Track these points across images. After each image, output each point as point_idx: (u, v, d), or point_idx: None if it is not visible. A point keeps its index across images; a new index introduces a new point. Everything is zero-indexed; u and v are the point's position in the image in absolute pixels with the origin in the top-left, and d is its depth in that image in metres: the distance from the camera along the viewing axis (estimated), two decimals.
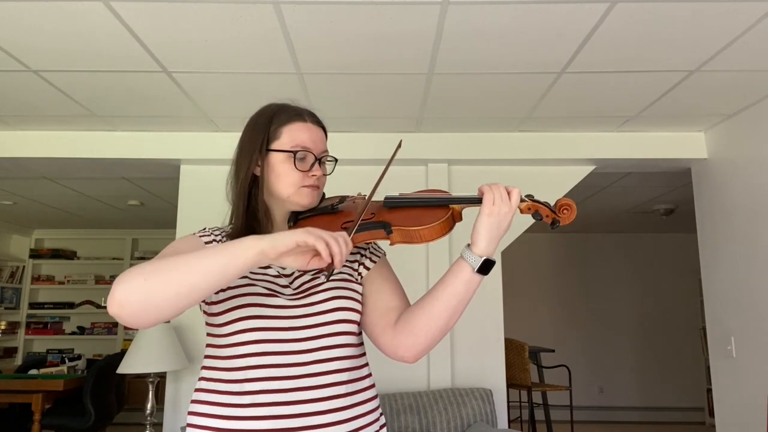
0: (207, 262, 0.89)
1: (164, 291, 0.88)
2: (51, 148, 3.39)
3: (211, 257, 0.90)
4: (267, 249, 0.89)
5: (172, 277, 0.89)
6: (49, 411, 4.44)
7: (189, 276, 0.89)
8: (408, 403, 3.11)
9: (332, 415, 1.04)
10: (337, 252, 0.89)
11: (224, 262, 0.89)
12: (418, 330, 1.09)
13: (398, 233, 1.07)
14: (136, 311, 0.89)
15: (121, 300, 0.88)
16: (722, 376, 3.25)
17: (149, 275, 0.89)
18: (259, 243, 0.90)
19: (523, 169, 3.60)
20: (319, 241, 0.89)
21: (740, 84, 2.72)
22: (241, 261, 0.89)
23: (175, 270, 0.89)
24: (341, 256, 0.90)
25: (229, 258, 0.89)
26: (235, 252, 0.90)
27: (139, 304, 0.88)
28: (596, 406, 6.80)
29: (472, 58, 2.46)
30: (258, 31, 2.22)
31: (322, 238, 0.89)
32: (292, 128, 1.15)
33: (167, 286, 0.88)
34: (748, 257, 3.01)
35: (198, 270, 0.89)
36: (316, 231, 0.90)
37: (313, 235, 0.89)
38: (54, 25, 2.16)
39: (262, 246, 0.89)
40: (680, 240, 6.97)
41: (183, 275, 0.89)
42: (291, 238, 0.89)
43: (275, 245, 0.89)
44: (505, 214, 1.05)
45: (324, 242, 0.89)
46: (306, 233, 0.89)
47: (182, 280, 0.89)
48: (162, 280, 0.88)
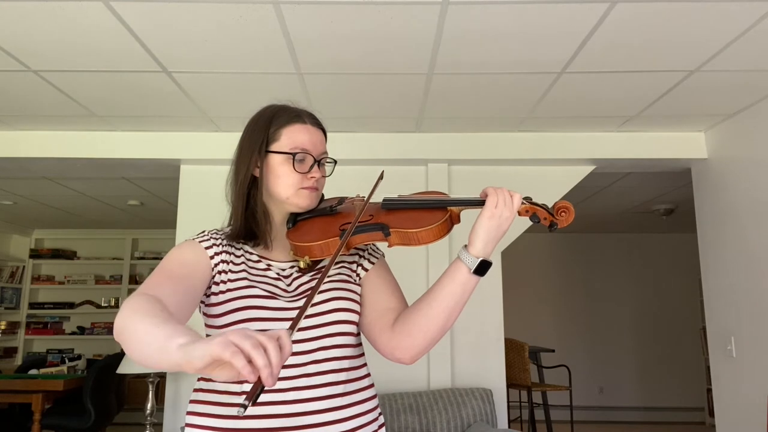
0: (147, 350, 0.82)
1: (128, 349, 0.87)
2: (51, 148, 3.39)
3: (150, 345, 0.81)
4: (182, 364, 0.74)
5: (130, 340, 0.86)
6: (49, 411, 4.44)
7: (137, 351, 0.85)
8: (408, 403, 3.11)
9: (329, 414, 1.04)
10: (262, 365, 0.68)
11: (156, 359, 0.81)
12: (416, 331, 1.09)
13: (396, 235, 1.08)
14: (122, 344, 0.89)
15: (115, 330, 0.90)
16: (722, 376, 3.25)
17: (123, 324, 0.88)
18: (177, 354, 0.75)
19: (523, 169, 3.60)
20: (236, 357, 0.68)
21: (740, 84, 2.72)
22: (165, 367, 0.80)
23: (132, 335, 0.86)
24: (270, 369, 0.69)
25: (158, 358, 0.80)
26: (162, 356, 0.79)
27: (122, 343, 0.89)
28: (596, 406, 6.80)
29: (472, 58, 2.46)
30: (258, 31, 2.22)
31: (240, 352, 0.69)
32: (292, 130, 1.15)
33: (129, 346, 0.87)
34: (748, 257, 3.01)
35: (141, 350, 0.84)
36: (238, 340, 0.70)
37: (230, 349, 0.69)
38: (54, 25, 2.16)
39: (177, 359, 0.75)
40: (680, 240, 6.97)
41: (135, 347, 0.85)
42: (207, 353, 0.70)
43: (190, 361, 0.72)
44: (506, 218, 1.06)
45: (243, 356, 0.69)
46: (223, 345, 0.69)
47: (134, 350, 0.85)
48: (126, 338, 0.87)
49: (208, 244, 1.13)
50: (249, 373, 0.68)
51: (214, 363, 0.71)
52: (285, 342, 0.73)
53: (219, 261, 1.11)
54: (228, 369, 0.72)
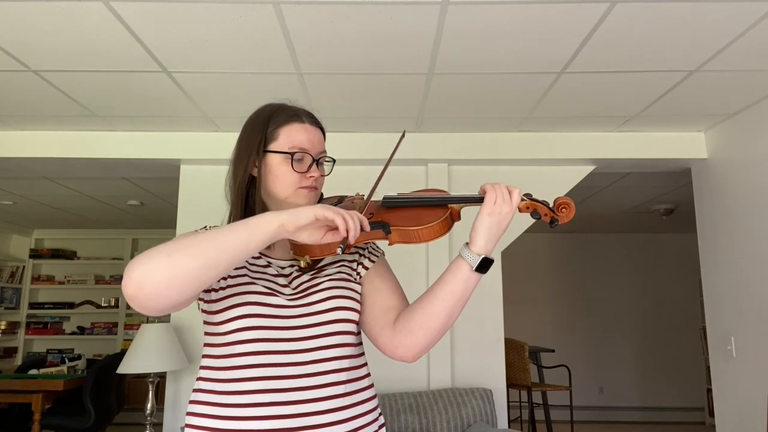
0: (229, 237, 0.93)
1: (188, 265, 0.90)
2: (51, 148, 3.39)
3: (232, 232, 0.93)
4: (287, 222, 0.93)
5: (196, 251, 0.91)
6: (49, 411, 4.44)
7: (212, 250, 0.91)
8: (408, 403, 3.11)
9: (330, 415, 1.04)
10: (352, 227, 0.94)
11: (246, 236, 0.92)
12: (417, 329, 1.09)
13: (397, 233, 1.07)
14: (157, 290, 0.89)
15: (141, 279, 0.88)
16: (722, 376, 3.24)
17: (172, 252, 0.90)
18: (278, 217, 0.94)
19: (523, 169, 3.60)
20: (337, 216, 0.93)
21: (740, 84, 2.72)
22: (260, 236, 0.93)
23: (198, 245, 0.92)
24: (355, 231, 0.94)
25: (250, 233, 0.93)
26: (254, 227, 0.93)
27: (162, 282, 0.89)
28: (596, 406, 6.80)
29: (472, 58, 2.46)
30: (258, 31, 2.22)
31: (339, 213, 0.94)
32: (290, 129, 1.14)
33: (192, 259, 0.90)
34: (748, 257, 3.01)
35: (220, 244, 0.92)
36: (332, 207, 0.95)
37: (332, 210, 0.94)
38: (54, 25, 2.16)
39: (282, 220, 0.93)
40: (680, 240, 6.97)
41: (206, 249, 0.91)
42: (311, 212, 0.94)
43: (295, 219, 0.93)
44: (506, 214, 1.06)
45: (342, 217, 0.93)
46: (324, 208, 0.94)
47: (206, 253, 0.91)
48: (186, 255, 0.90)
49: None
50: (344, 229, 0.93)
51: (315, 223, 0.95)
52: (362, 217, 0.98)
53: None
54: (316, 231, 0.96)
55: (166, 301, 0.90)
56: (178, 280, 0.89)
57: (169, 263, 0.89)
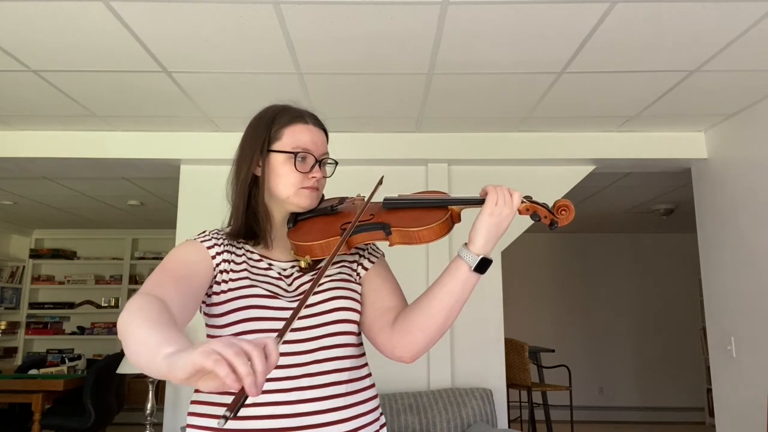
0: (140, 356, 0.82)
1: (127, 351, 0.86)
2: (51, 148, 3.39)
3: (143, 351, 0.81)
4: (167, 374, 0.74)
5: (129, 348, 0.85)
6: (49, 411, 4.44)
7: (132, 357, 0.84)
8: (408, 403, 3.11)
9: (332, 414, 1.04)
10: (245, 374, 0.66)
11: (146, 367, 0.81)
12: (416, 329, 1.10)
13: (397, 234, 1.08)
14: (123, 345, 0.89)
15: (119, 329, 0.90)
16: (722, 376, 3.25)
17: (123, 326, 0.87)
18: (162, 365, 0.75)
19: (523, 169, 3.60)
20: (218, 365, 0.66)
21: (740, 84, 2.72)
22: (154, 373, 0.79)
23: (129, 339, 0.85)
24: (252, 378, 0.67)
25: (148, 367, 0.80)
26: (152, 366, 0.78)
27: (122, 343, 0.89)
28: (596, 406, 6.80)
29: (472, 58, 2.46)
30: (258, 31, 2.22)
31: (223, 360, 0.67)
32: (294, 129, 1.15)
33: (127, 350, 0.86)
34: (748, 257, 3.01)
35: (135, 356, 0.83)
36: (221, 348, 0.68)
37: (213, 357, 0.67)
38: (54, 25, 2.16)
39: (163, 370, 0.74)
40: (680, 240, 6.97)
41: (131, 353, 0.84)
42: (189, 363, 0.69)
43: (174, 372, 0.72)
44: (506, 216, 1.06)
45: (227, 365, 0.67)
46: (205, 355, 0.67)
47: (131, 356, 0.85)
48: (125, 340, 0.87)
49: (209, 243, 1.13)
50: (233, 381, 0.66)
51: (199, 373, 0.69)
52: (271, 350, 0.71)
53: (221, 261, 1.11)
54: (212, 379, 0.70)
55: None
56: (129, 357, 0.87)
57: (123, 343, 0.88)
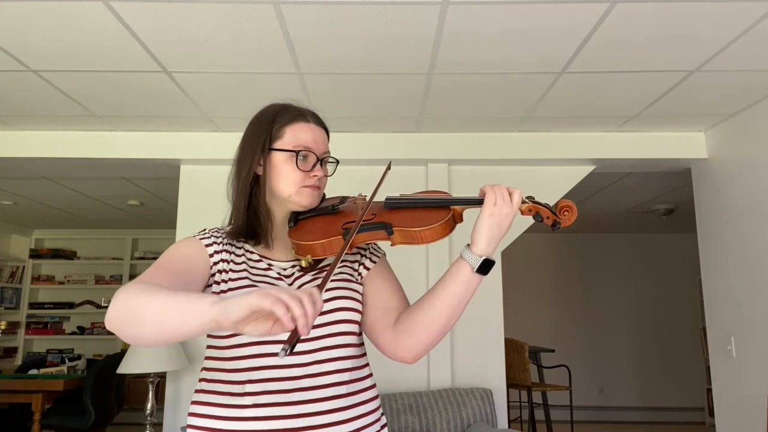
0: (164, 319, 0.84)
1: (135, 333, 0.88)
2: (51, 148, 3.39)
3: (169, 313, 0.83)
4: (219, 318, 0.77)
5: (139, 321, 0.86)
6: (49, 411, 4.43)
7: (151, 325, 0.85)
8: (408, 403, 3.11)
9: (333, 415, 1.04)
10: (299, 315, 0.74)
11: (181, 323, 0.82)
12: (418, 330, 1.09)
13: (399, 234, 1.07)
14: (122, 334, 0.90)
15: (110, 317, 0.90)
16: (722, 376, 3.25)
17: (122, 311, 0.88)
18: (211, 310, 0.79)
19: (523, 169, 3.60)
20: (277, 305, 0.74)
21: (740, 84, 2.72)
22: (191, 328, 0.81)
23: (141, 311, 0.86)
24: (306, 319, 0.74)
25: (185, 321, 0.82)
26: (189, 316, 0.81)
27: (126, 336, 0.90)
28: (596, 406, 6.80)
29: (472, 58, 2.46)
30: (258, 31, 2.22)
31: (281, 301, 0.74)
32: (295, 128, 1.15)
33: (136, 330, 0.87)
34: (748, 257, 3.01)
35: (160, 320, 0.85)
36: (275, 292, 0.75)
37: (270, 299, 0.74)
38: (54, 25, 2.16)
39: (213, 314, 0.78)
40: (680, 240, 6.97)
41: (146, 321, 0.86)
42: (244, 304, 0.75)
43: (227, 314, 0.76)
44: (506, 215, 1.06)
45: (284, 305, 0.74)
46: (262, 296, 0.75)
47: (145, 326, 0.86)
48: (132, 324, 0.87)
49: (208, 242, 1.13)
50: (288, 321, 0.73)
51: (252, 315, 0.76)
52: (317, 297, 0.77)
53: (219, 260, 1.11)
54: (262, 323, 0.77)
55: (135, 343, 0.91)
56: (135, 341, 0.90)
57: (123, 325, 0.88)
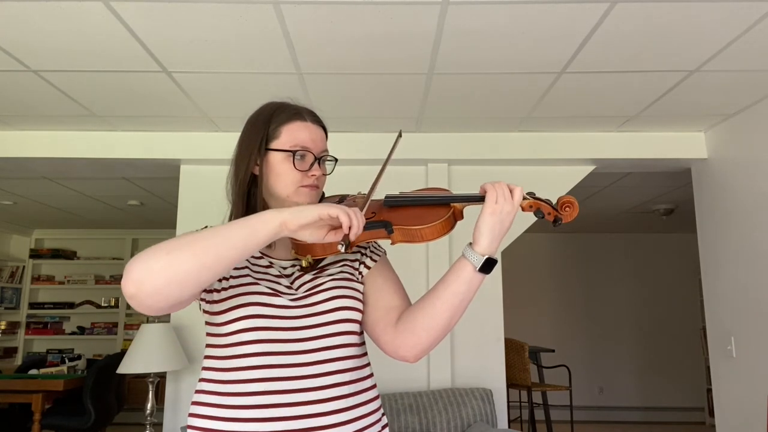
0: (229, 235, 0.91)
1: (188, 264, 0.88)
2: (51, 148, 3.39)
3: (233, 230, 0.92)
4: (289, 220, 0.92)
5: (196, 249, 0.89)
6: (49, 411, 4.43)
7: (212, 248, 0.90)
8: (408, 403, 3.11)
9: (335, 415, 1.04)
10: (355, 224, 0.94)
11: (246, 234, 0.92)
12: (420, 329, 1.09)
13: (399, 232, 1.07)
14: (157, 289, 0.87)
15: (141, 277, 0.87)
16: (722, 376, 3.25)
17: (172, 250, 0.89)
18: (280, 215, 0.93)
19: (523, 169, 3.60)
20: (341, 213, 0.93)
21: (740, 84, 2.72)
22: (263, 234, 0.92)
23: (198, 243, 0.90)
24: (358, 228, 0.95)
25: (251, 230, 0.92)
26: (256, 225, 0.92)
27: (162, 280, 0.87)
28: (596, 406, 6.80)
29: (472, 58, 2.46)
30: (258, 31, 2.22)
31: (343, 210, 0.94)
32: (292, 127, 1.14)
33: (191, 258, 0.89)
34: (748, 257, 3.01)
35: (221, 242, 0.91)
36: (334, 204, 0.95)
37: (335, 208, 0.94)
38: (54, 25, 2.16)
39: (284, 217, 0.92)
40: (680, 240, 6.97)
41: (206, 247, 0.90)
42: (314, 211, 0.93)
43: (298, 217, 0.92)
44: (507, 212, 1.05)
45: (346, 214, 0.94)
46: (327, 206, 0.94)
47: (207, 251, 0.90)
48: (186, 253, 0.89)
49: None
50: (347, 226, 0.94)
51: (317, 222, 0.94)
52: (361, 215, 0.97)
53: None
54: (318, 231, 0.96)
55: (166, 300, 0.89)
56: (178, 278, 0.88)
57: (168, 261, 0.88)
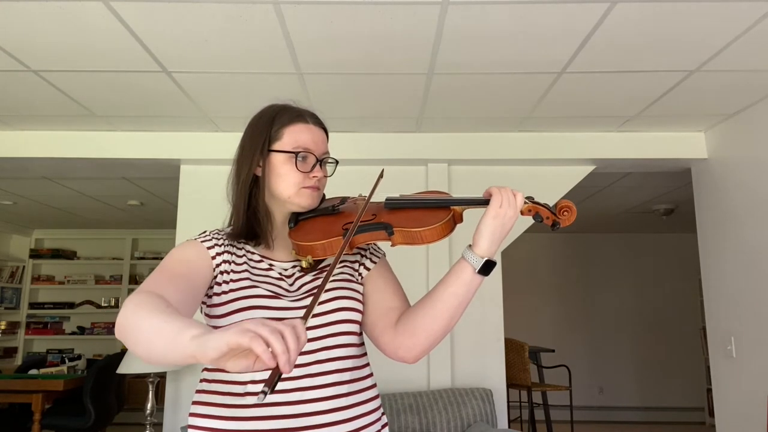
0: (154, 344, 0.82)
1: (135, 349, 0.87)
2: (51, 148, 3.39)
3: (158, 339, 0.82)
4: (197, 354, 0.74)
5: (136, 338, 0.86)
6: (49, 411, 4.44)
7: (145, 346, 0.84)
8: (408, 403, 3.11)
9: (334, 414, 1.04)
10: (281, 352, 0.70)
11: (162, 353, 0.81)
12: (419, 330, 1.10)
13: (399, 234, 1.08)
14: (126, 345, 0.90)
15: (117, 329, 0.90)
16: (722, 376, 3.25)
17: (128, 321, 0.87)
18: (190, 345, 0.75)
19: (523, 169, 3.60)
20: (255, 342, 0.69)
21: (740, 84, 2.72)
22: (173, 360, 0.80)
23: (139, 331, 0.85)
24: (287, 356, 0.70)
25: (165, 352, 0.80)
26: (171, 348, 0.79)
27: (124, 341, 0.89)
28: (596, 406, 6.80)
29: (472, 58, 2.46)
30: (258, 31, 2.22)
31: (259, 337, 0.70)
32: (294, 129, 1.15)
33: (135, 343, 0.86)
34: (748, 257, 3.01)
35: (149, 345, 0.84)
36: (254, 327, 0.71)
37: (249, 335, 0.70)
38: (54, 25, 2.16)
39: (191, 350, 0.75)
40: (680, 240, 6.97)
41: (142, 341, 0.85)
42: (222, 341, 0.71)
43: (205, 351, 0.73)
44: (510, 217, 1.07)
45: (263, 342, 0.70)
46: (240, 332, 0.70)
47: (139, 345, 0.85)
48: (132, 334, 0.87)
49: (210, 243, 1.13)
50: (269, 358, 0.69)
51: (230, 352, 0.72)
52: (300, 330, 0.74)
53: (221, 261, 1.11)
54: (242, 359, 0.73)
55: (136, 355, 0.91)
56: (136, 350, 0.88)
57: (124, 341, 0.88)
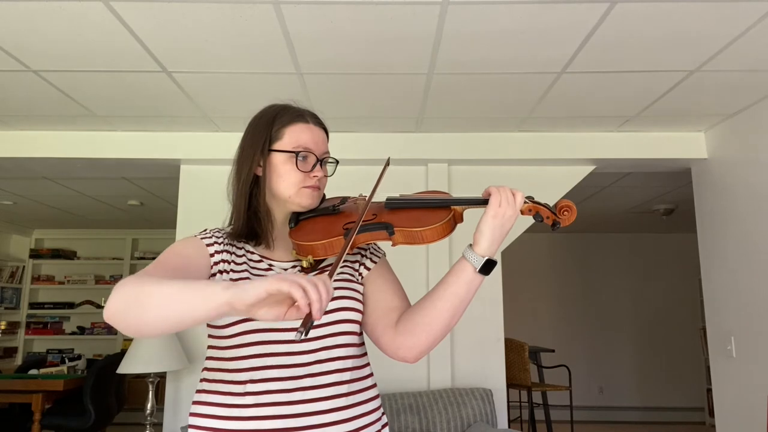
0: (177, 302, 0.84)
1: (138, 322, 0.87)
2: (51, 148, 3.39)
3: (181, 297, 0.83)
4: (234, 300, 0.79)
5: (142, 309, 0.86)
6: (49, 411, 4.43)
7: (152, 311, 0.85)
8: (408, 403, 3.11)
9: (334, 414, 1.04)
10: (315, 299, 0.76)
11: (191, 307, 0.83)
12: (419, 330, 1.10)
13: (400, 234, 1.08)
14: (125, 331, 0.89)
15: (111, 310, 0.89)
16: (722, 376, 3.25)
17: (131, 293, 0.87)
18: (224, 294, 0.79)
19: (523, 169, 3.60)
20: (295, 288, 0.76)
21: (740, 84, 2.72)
22: (203, 312, 0.82)
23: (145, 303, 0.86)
24: (320, 304, 0.77)
25: (195, 305, 0.82)
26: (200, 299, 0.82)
27: (125, 328, 0.89)
28: (596, 406, 6.80)
29: (472, 58, 2.46)
30: (258, 31, 2.22)
31: (298, 285, 0.76)
32: (294, 129, 1.15)
33: (139, 318, 0.86)
34: (748, 257, 3.01)
35: (168, 306, 0.84)
36: (291, 277, 0.78)
37: (288, 282, 0.76)
38: (54, 25, 2.16)
39: (228, 297, 0.79)
40: (680, 240, 6.97)
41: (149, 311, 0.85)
42: (261, 287, 0.77)
43: (243, 297, 0.78)
44: (509, 216, 1.07)
45: (301, 289, 0.76)
46: (279, 280, 0.77)
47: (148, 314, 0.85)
48: (135, 311, 0.86)
49: (209, 241, 1.13)
50: (305, 304, 0.76)
51: (269, 298, 0.78)
52: (329, 284, 0.80)
53: (219, 260, 1.11)
54: (276, 307, 0.79)
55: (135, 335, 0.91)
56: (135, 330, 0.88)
57: (124, 315, 0.87)
